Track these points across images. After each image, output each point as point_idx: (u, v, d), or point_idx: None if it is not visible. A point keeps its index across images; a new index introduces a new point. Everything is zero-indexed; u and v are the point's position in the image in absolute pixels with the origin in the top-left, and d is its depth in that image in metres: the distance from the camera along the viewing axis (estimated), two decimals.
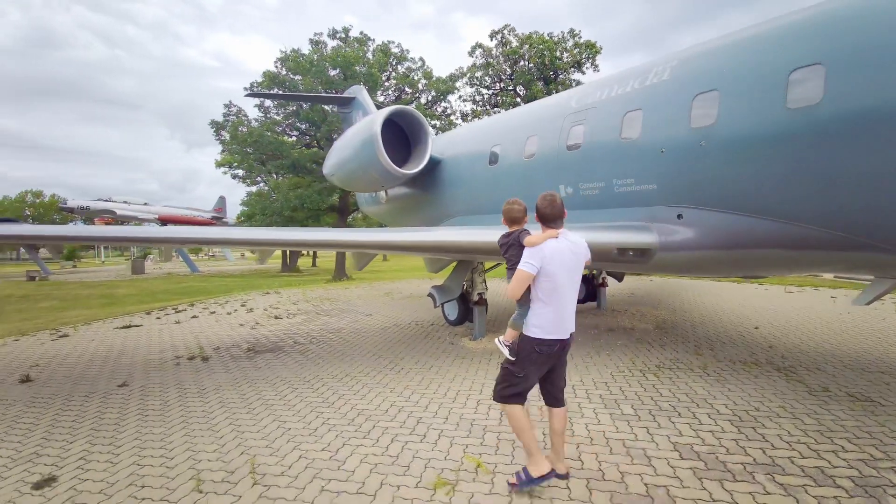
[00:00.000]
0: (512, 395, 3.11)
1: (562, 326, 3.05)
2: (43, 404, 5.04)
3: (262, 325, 9.57)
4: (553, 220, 3.10)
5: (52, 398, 5.23)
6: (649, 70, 5.98)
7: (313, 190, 19.64)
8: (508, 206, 3.34)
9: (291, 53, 21.13)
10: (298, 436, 4.08)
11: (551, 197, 3.13)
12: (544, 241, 3.03)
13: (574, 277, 3.09)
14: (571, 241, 3.10)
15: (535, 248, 3.02)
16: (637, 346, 6.92)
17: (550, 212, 3.09)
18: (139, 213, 32.01)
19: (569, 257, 3.04)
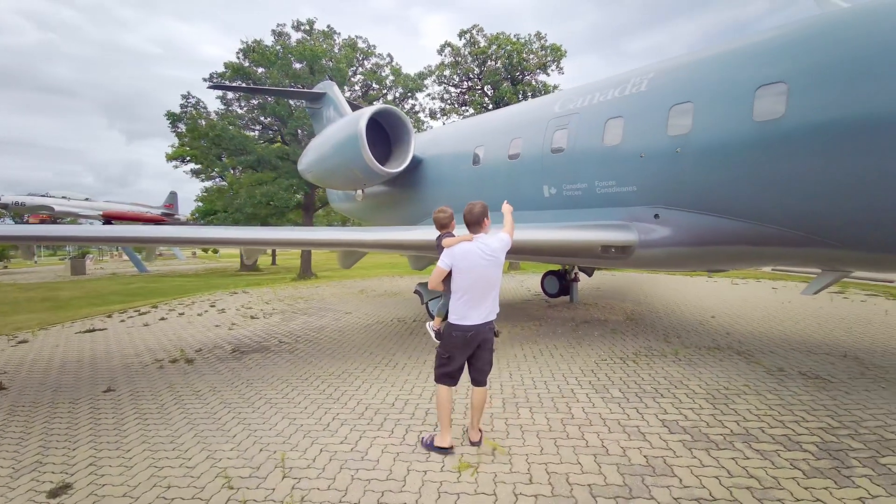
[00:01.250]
0: (442, 374, 3.70)
1: (475, 314, 3.57)
2: (27, 413, 4.80)
3: (238, 325, 9.36)
4: (471, 225, 3.67)
5: (35, 406, 4.98)
6: (627, 80, 6.45)
7: (280, 186, 19.12)
8: (436, 215, 4.03)
9: (255, 44, 20.40)
10: (313, 431, 4.18)
11: (471, 206, 3.68)
12: (457, 244, 3.60)
13: (485, 274, 3.57)
14: (484, 243, 3.59)
15: (448, 250, 3.63)
16: (613, 336, 7.45)
17: (469, 219, 3.67)
18: (80, 209, 29.74)
19: (478, 257, 3.53)
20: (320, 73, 20.17)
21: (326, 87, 14.89)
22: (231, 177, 26.77)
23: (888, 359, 5.89)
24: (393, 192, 10.69)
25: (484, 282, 3.59)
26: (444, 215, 4.06)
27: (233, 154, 20.05)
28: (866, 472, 3.22)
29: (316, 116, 15.38)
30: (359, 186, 10.07)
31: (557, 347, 6.84)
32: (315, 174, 10.86)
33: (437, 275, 3.67)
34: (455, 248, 3.62)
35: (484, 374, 3.78)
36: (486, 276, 3.59)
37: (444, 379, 3.71)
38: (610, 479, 3.27)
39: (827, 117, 4.41)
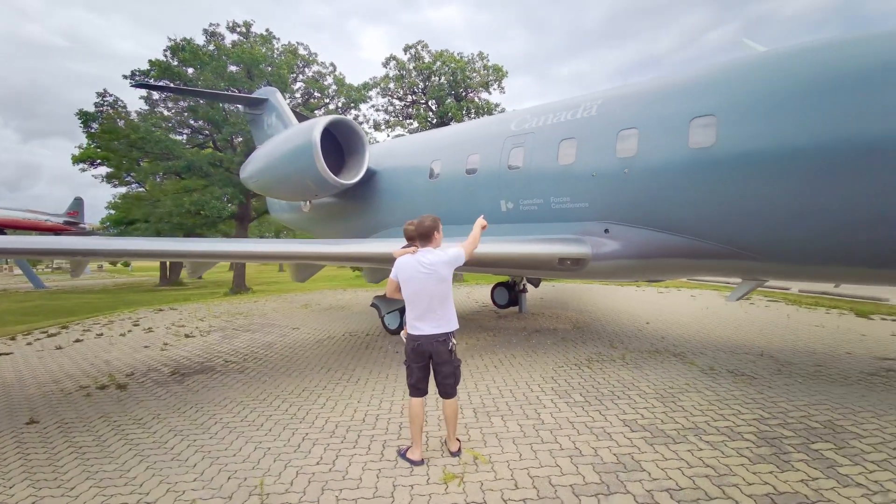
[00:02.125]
0: (409, 385, 3.86)
1: (421, 324, 3.70)
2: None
3: (172, 345, 8.60)
4: (418, 238, 3.84)
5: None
6: (578, 105, 6.96)
7: (212, 195, 17.90)
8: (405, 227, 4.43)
9: (184, 43, 19.09)
10: (284, 454, 3.97)
11: (420, 220, 3.85)
12: (400, 257, 3.82)
13: (424, 287, 3.68)
14: (422, 257, 3.73)
15: (398, 261, 3.82)
16: (565, 344, 7.85)
17: (417, 232, 3.85)
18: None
19: (414, 269, 3.69)
20: (259, 77, 19.35)
21: (268, 92, 14.34)
22: (151, 183, 24.65)
23: (797, 357, 6.79)
24: (344, 204, 10.49)
25: (424, 294, 3.69)
26: (411, 227, 4.19)
27: (157, 158, 18.48)
28: (802, 457, 3.70)
29: (256, 123, 14.74)
30: (309, 197, 9.78)
31: (516, 356, 7.07)
32: (261, 183, 10.37)
33: (388, 285, 3.92)
34: (398, 260, 3.85)
35: (447, 387, 3.82)
36: (424, 289, 3.69)
37: (411, 390, 3.86)
38: (588, 478, 3.46)
39: (749, 147, 5.09)
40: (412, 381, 3.85)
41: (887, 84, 4.35)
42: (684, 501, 3.14)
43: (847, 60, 4.72)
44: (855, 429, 4.20)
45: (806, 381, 5.61)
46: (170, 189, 20.88)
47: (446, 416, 3.88)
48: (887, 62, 4.44)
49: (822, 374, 5.87)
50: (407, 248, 4.15)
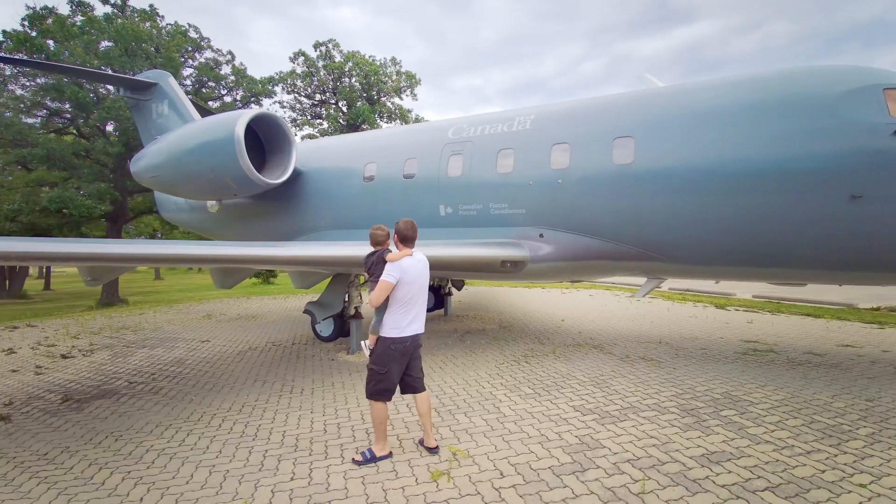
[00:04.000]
0: (380, 391, 3.79)
1: (414, 325, 3.85)
2: None
3: (48, 368, 7.17)
4: (411, 241, 3.95)
5: None
6: (513, 118, 7.47)
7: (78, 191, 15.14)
8: (375, 231, 4.10)
9: (46, 12, 15.91)
10: (248, 474, 3.64)
11: (412, 223, 3.97)
12: (402, 258, 3.84)
13: (424, 285, 3.94)
14: (420, 258, 3.96)
15: (395, 263, 3.80)
16: (498, 343, 8.29)
17: (411, 235, 3.93)
18: None
19: (420, 270, 3.88)
20: (142, 58, 16.98)
21: (159, 76, 12.68)
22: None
23: (685, 342, 8.08)
24: (262, 205, 9.75)
25: (422, 294, 3.90)
26: (382, 233, 4.13)
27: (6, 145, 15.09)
28: (717, 423, 4.48)
29: (141, 109, 12.92)
30: (225, 196, 8.92)
31: (457, 357, 7.29)
32: (161, 179, 9.16)
33: (385, 289, 3.72)
34: (402, 261, 3.80)
35: (421, 381, 4.01)
36: (425, 288, 3.93)
37: (382, 395, 3.80)
38: (562, 459, 3.78)
39: (660, 165, 6.00)
40: (388, 386, 3.80)
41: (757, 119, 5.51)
42: (644, 468, 3.61)
43: (733, 96, 5.86)
44: (747, 397, 5.19)
45: (699, 362, 6.73)
46: (17, 182, 17.18)
47: (422, 411, 3.95)
48: (754, 103, 5.63)
49: (707, 356, 7.09)
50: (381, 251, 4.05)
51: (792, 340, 8.09)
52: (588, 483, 3.41)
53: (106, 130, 17.81)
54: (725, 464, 3.67)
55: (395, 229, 3.95)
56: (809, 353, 7.17)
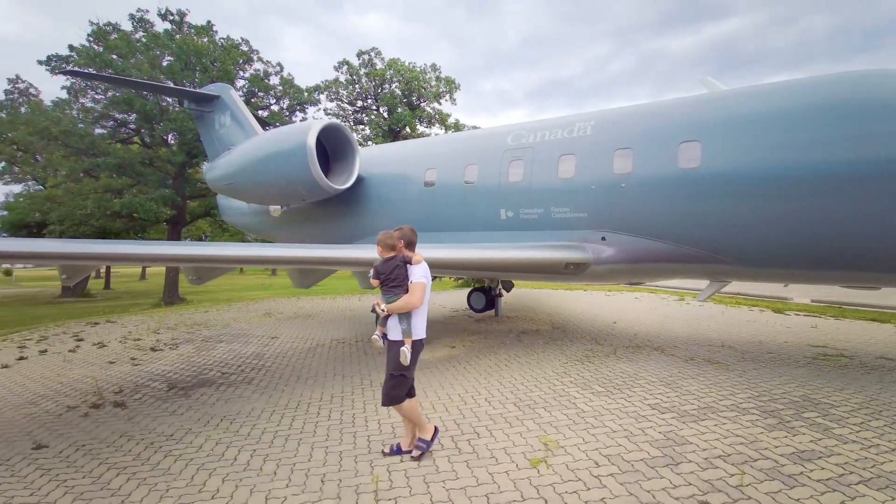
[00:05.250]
0: (403, 394, 3.86)
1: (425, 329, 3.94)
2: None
3: (142, 360, 7.84)
4: (413, 245, 4.05)
5: None
6: (573, 124, 7.66)
7: (146, 197, 16.25)
8: (386, 236, 3.98)
9: (110, 28, 17.21)
10: (361, 456, 4.00)
11: (411, 229, 4.08)
12: (423, 261, 3.96)
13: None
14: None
15: (422, 266, 3.89)
16: (556, 343, 8.46)
17: (416, 240, 4.08)
18: None
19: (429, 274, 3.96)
20: (202, 72, 18.06)
21: (221, 89, 13.51)
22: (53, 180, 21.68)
23: (749, 346, 8.02)
24: (322, 209, 10.25)
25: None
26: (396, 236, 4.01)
27: (80, 154, 16.37)
28: (801, 424, 4.54)
29: (205, 121, 13.78)
30: (294, 201, 9.47)
31: (519, 355, 7.52)
32: (234, 186, 9.82)
33: (423, 290, 3.79)
34: (425, 263, 3.95)
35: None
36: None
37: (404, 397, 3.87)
38: (651, 453, 3.97)
39: (727, 169, 6.06)
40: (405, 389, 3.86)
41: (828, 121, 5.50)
42: (736, 463, 3.76)
43: (800, 99, 5.87)
44: (826, 400, 5.21)
45: (769, 366, 6.72)
46: (88, 189, 18.54)
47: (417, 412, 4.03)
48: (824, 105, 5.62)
49: (777, 360, 7.05)
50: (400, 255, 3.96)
51: (861, 345, 7.91)
52: (684, 475, 3.58)
53: (168, 140, 19.01)
54: (817, 461, 3.77)
55: (402, 235, 3.98)
56: (882, 358, 7.03)
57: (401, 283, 3.82)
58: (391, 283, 3.83)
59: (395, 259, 3.89)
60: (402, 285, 3.81)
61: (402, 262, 3.88)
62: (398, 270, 3.84)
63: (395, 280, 3.82)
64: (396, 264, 3.86)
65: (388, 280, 3.85)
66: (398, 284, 3.82)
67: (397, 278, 3.82)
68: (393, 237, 3.95)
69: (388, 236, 3.95)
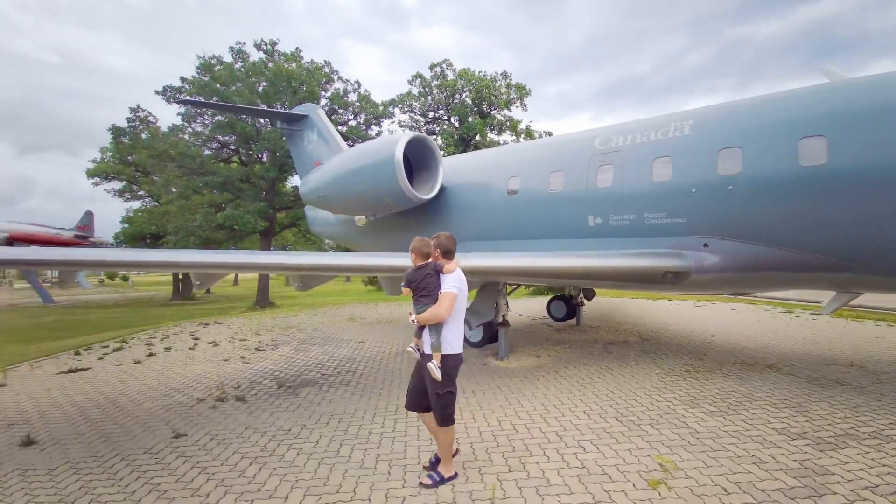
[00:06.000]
0: (452, 413, 3.67)
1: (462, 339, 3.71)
2: (97, 471, 4.05)
3: (251, 359, 8.57)
4: (453, 254, 3.82)
5: (97, 461, 4.21)
6: (667, 125, 7.25)
7: (245, 210, 17.91)
8: (422, 243, 3.81)
9: (215, 60, 19.32)
10: (469, 462, 4.04)
11: (453, 237, 3.88)
12: (457, 269, 3.74)
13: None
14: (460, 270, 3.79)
15: (455, 274, 3.69)
16: (649, 356, 8.00)
17: (454, 248, 3.84)
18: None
19: (465, 282, 3.74)
20: (290, 94, 19.62)
21: (309, 109, 14.53)
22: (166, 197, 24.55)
23: (883, 366, 7.03)
24: (405, 218, 10.58)
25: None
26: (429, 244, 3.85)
27: (193, 174, 18.48)
28: None
29: (294, 139, 14.89)
30: (380, 212, 9.90)
31: (611, 368, 7.21)
32: (326, 199, 10.49)
33: (453, 301, 3.59)
34: (459, 273, 3.75)
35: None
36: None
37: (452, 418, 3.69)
38: (788, 482, 3.60)
39: (859, 165, 5.39)
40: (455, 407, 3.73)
41: None
42: (885, 494, 3.29)
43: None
44: None
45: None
46: (196, 204, 20.84)
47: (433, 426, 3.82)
48: None
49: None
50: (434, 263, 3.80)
51: None
52: None
53: (262, 158, 20.84)
54: None
55: (438, 243, 3.79)
56: None
57: (431, 292, 3.65)
58: (421, 292, 3.68)
59: (427, 267, 3.74)
60: (433, 295, 3.64)
61: (435, 270, 3.72)
62: (429, 279, 3.68)
63: (426, 289, 3.66)
64: (427, 273, 3.71)
65: (418, 289, 3.69)
66: (428, 294, 3.65)
67: (427, 287, 3.66)
68: (429, 244, 3.79)
69: (424, 244, 3.80)
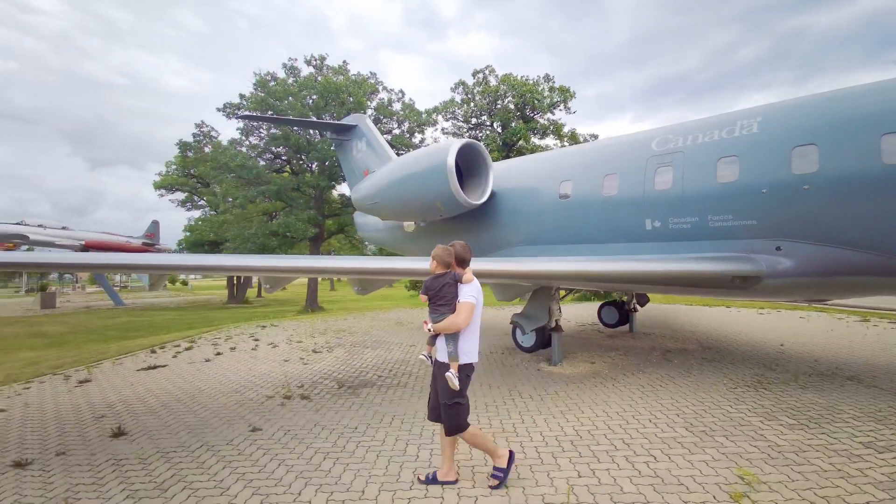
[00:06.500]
0: (465, 421, 3.67)
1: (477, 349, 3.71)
2: (186, 460, 4.37)
3: (308, 360, 8.92)
4: (468, 263, 3.86)
5: (185, 450, 4.54)
6: (732, 123, 6.96)
7: (298, 218, 18.75)
8: (444, 251, 3.80)
9: (269, 76, 20.43)
10: (537, 467, 4.04)
11: (468, 246, 3.91)
12: (475, 279, 3.73)
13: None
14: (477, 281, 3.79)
15: (473, 284, 3.69)
16: (713, 365, 7.65)
17: (469, 257, 3.86)
18: (58, 238, 27.62)
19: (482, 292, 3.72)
20: (338, 105, 20.39)
21: (358, 119, 15.00)
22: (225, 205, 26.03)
23: None
24: (454, 224, 10.70)
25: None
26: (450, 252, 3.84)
27: (250, 184, 19.58)
28: None
29: (343, 148, 15.40)
30: (431, 217, 10.08)
31: (672, 376, 6.96)
32: (378, 205, 10.80)
33: (471, 311, 3.61)
34: (476, 282, 3.77)
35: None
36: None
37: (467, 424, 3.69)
38: (877, 495, 3.36)
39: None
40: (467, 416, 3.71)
41: None
42: None
43: None
44: None
45: None
46: (252, 212, 22.03)
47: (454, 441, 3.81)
48: None
49: None
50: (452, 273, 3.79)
51: None
52: None
53: (311, 168, 21.76)
54: None
55: (455, 252, 3.81)
56: None
57: (448, 301, 3.67)
58: (439, 301, 3.70)
59: (446, 276, 3.75)
60: (450, 304, 3.66)
61: (453, 279, 3.73)
62: (447, 289, 3.69)
63: (443, 298, 3.68)
64: (446, 282, 3.71)
65: (435, 297, 3.71)
66: (445, 303, 3.67)
67: (445, 296, 3.68)
68: (451, 253, 3.80)
69: (447, 252, 3.80)
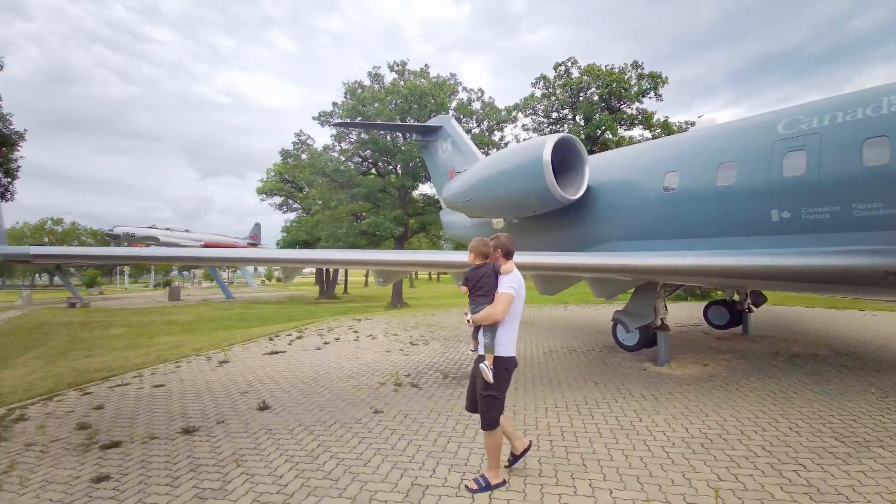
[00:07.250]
0: (497, 417, 3.58)
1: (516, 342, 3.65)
2: (326, 434, 4.85)
3: (408, 352, 9.37)
4: (512, 255, 3.79)
5: (322, 425, 5.04)
6: (879, 99, 6.13)
7: (386, 217, 19.74)
8: (481, 243, 3.81)
9: (357, 84, 21.70)
10: (642, 473, 3.93)
11: (511, 238, 3.85)
12: (515, 270, 3.66)
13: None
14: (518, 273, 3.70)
15: (513, 275, 3.62)
16: (854, 373, 6.81)
17: (514, 249, 3.82)
18: (182, 239, 31.87)
19: (523, 284, 3.65)
20: (421, 108, 21.06)
21: (443, 120, 15.34)
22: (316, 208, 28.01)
23: None
24: (548, 220, 10.55)
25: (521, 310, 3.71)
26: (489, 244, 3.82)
27: (342, 187, 20.98)
28: None
29: (428, 149, 15.82)
30: (525, 213, 10.08)
31: (806, 384, 6.32)
32: (471, 203, 11.02)
33: (509, 302, 3.52)
34: (517, 273, 3.68)
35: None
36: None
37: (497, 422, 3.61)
38: None
39: None
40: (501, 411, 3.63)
41: None
42: None
43: None
44: None
45: None
46: (342, 212, 23.57)
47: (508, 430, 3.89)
48: None
49: None
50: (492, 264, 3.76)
51: None
52: None
53: (396, 169, 22.74)
54: None
55: (498, 243, 3.76)
56: None
57: (487, 292, 3.65)
58: (478, 291, 3.69)
59: (485, 267, 3.75)
60: (489, 295, 3.63)
61: (493, 270, 3.72)
62: (486, 279, 3.68)
63: (483, 289, 3.66)
64: (486, 272, 3.72)
65: (475, 288, 3.71)
66: (485, 294, 3.65)
67: (484, 287, 3.66)
68: (488, 245, 3.80)
69: (483, 243, 3.81)
